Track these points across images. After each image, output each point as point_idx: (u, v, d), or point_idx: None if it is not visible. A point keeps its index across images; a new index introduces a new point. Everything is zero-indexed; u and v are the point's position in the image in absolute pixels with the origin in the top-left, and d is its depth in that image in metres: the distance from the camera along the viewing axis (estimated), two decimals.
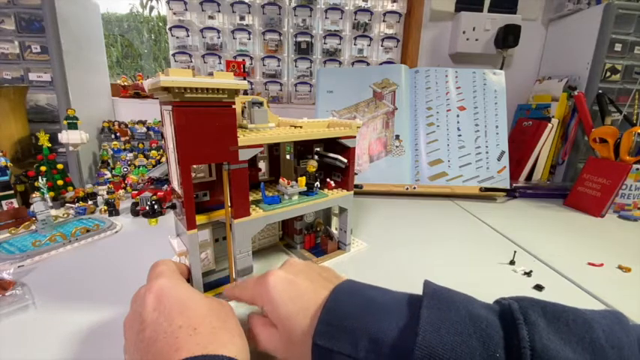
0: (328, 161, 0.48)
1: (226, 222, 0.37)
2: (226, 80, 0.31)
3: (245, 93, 1.08)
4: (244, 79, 0.36)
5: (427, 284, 0.23)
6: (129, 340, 0.25)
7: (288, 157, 0.51)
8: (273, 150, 0.51)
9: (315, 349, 0.23)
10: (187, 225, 0.32)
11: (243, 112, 0.42)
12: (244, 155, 0.35)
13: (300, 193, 0.44)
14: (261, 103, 0.41)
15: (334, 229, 0.54)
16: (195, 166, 0.36)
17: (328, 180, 0.49)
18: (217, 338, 0.23)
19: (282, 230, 0.54)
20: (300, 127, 0.44)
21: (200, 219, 0.34)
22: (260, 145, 0.37)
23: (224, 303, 0.28)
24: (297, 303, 0.26)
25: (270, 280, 0.27)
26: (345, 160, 0.47)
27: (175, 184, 0.34)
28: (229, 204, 0.36)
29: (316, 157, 0.48)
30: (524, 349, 0.18)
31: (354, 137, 0.46)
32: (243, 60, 1.14)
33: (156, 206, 0.47)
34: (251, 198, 0.42)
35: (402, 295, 0.24)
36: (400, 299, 0.24)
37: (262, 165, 0.50)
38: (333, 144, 0.47)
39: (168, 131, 0.32)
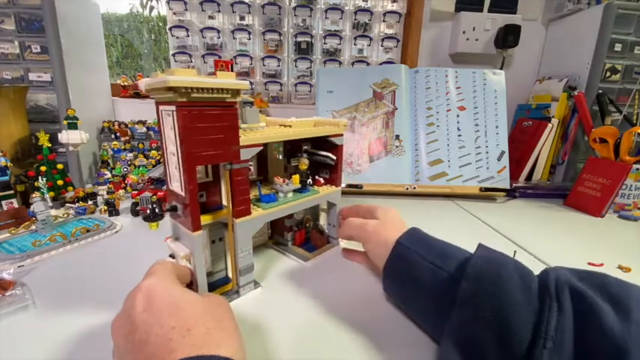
0: (319, 159, 0.49)
1: (228, 222, 0.37)
2: (230, 80, 0.31)
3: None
4: None
5: (480, 244, 0.33)
6: (118, 342, 0.24)
7: (280, 156, 0.52)
8: (261, 150, 0.51)
9: (398, 246, 0.35)
10: (192, 226, 0.32)
11: None
12: (245, 155, 0.35)
13: (294, 191, 0.45)
14: (251, 103, 0.41)
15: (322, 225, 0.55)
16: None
17: (317, 177, 0.50)
18: (212, 339, 0.23)
19: (271, 229, 0.54)
20: (290, 126, 0.45)
21: (205, 219, 0.34)
22: (260, 145, 0.37)
23: (220, 301, 0.28)
24: (382, 234, 0.39)
25: (368, 226, 0.42)
26: (335, 158, 0.49)
27: (176, 185, 0.33)
28: (230, 204, 0.36)
29: (305, 155, 0.50)
30: (551, 280, 0.26)
31: (342, 135, 0.49)
32: (231, 60, 1.14)
33: (157, 209, 0.47)
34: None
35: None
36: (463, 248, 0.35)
37: (250, 165, 0.51)
38: (321, 142, 0.48)
39: (168, 132, 0.32)
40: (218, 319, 0.25)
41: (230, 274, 0.40)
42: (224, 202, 0.38)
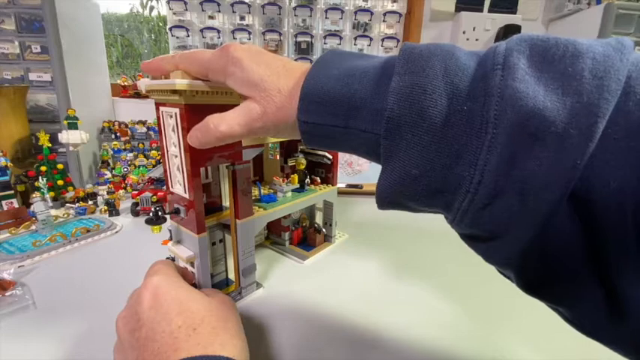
0: (316, 159, 0.50)
1: (231, 223, 0.36)
2: None
3: None
4: None
5: (406, 45, 0.20)
6: (123, 339, 0.24)
7: (277, 157, 0.52)
8: None
9: (302, 126, 0.22)
10: (197, 229, 0.32)
11: None
12: (248, 155, 0.35)
13: (292, 191, 0.46)
14: None
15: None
16: None
17: (313, 176, 0.51)
18: (217, 339, 0.23)
19: (267, 229, 0.55)
20: None
21: (208, 221, 0.34)
22: (262, 145, 0.37)
23: (225, 300, 0.28)
24: (273, 66, 0.23)
25: (233, 46, 0.24)
26: (331, 157, 0.49)
27: (178, 187, 0.33)
28: (232, 204, 0.36)
29: (301, 155, 0.50)
30: (491, 95, 0.16)
31: None
32: None
33: (160, 212, 0.46)
34: None
35: (381, 59, 0.21)
36: (377, 65, 0.20)
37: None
38: None
39: (170, 133, 0.32)
40: (223, 318, 0.25)
41: (230, 276, 0.40)
42: (225, 204, 0.38)
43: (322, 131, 0.22)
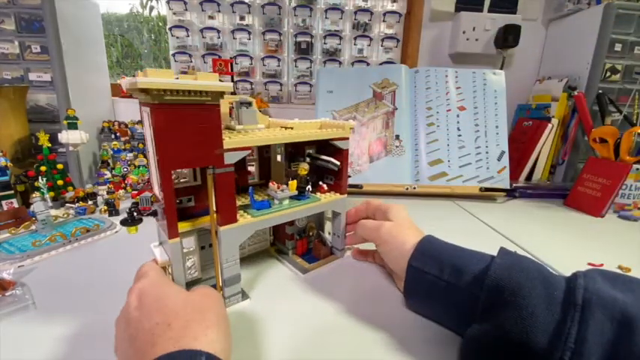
0: (321, 164, 0.46)
1: (211, 229, 0.35)
2: (210, 82, 0.29)
3: (233, 93, 1.07)
4: (232, 78, 0.35)
5: (502, 248, 0.32)
6: (117, 339, 0.26)
7: (279, 158, 0.50)
8: (264, 152, 0.49)
9: (410, 269, 0.34)
10: (169, 233, 0.30)
11: (231, 112, 0.40)
12: (230, 159, 0.33)
13: (291, 197, 0.42)
14: (249, 103, 0.39)
15: (327, 234, 0.51)
16: (178, 170, 0.34)
17: (321, 183, 0.47)
18: (190, 331, 0.23)
19: (273, 235, 0.52)
20: (291, 128, 0.42)
21: (183, 226, 0.32)
22: (247, 148, 0.34)
23: (207, 292, 0.28)
24: (397, 238, 0.39)
25: (383, 229, 0.41)
26: (338, 163, 0.45)
27: (156, 189, 0.31)
28: (214, 210, 0.34)
29: (307, 159, 0.47)
30: (579, 288, 0.24)
31: (347, 139, 0.45)
32: (231, 58, 1.13)
33: (135, 213, 0.43)
34: (240, 202, 0.40)
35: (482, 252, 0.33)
36: (480, 252, 0.33)
37: (252, 168, 0.48)
38: (326, 146, 0.45)
39: (148, 133, 0.31)
40: (200, 310, 0.25)
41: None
42: (213, 208, 0.37)
43: (424, 279, 0.33)
